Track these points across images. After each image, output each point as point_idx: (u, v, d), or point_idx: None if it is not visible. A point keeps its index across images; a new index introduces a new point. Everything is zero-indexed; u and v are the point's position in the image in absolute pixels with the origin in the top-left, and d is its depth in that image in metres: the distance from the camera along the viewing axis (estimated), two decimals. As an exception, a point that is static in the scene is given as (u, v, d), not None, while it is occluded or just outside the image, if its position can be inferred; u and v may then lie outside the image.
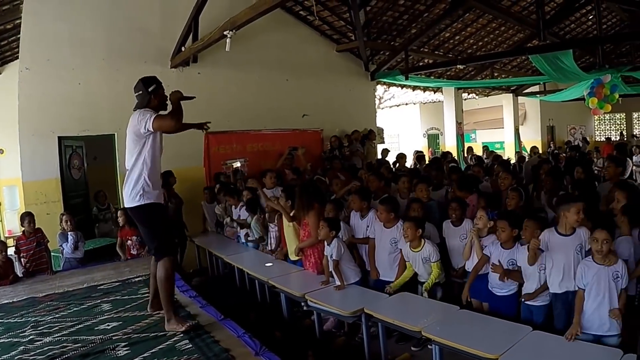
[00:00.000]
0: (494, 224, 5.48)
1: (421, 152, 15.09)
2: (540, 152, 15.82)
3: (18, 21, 9.35)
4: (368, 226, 6.66)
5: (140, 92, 4.95)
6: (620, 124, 27.85)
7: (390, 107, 25.05)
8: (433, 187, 8.17)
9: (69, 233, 8.04)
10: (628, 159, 12.79)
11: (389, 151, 13.56)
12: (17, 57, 10.44)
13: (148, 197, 4.89)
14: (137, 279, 6.95)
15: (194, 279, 8.87)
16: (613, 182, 6.77)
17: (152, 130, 4.75)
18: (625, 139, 24.60)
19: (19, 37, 9.33)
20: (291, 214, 7.15)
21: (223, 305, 5.74)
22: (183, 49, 9.64)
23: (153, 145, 4.89)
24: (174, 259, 5.21)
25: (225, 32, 7.58)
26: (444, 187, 8.48)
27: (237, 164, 11.04)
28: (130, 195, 4.90)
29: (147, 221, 5.08)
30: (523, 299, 5.09)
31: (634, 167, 15.03)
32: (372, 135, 13.33)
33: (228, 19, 7.56)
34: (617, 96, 13.72)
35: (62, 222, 8.06)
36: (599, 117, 27.23)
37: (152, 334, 4.84)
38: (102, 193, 10.02)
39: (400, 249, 6.09)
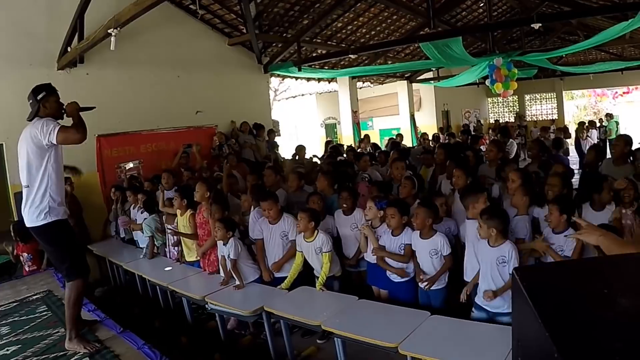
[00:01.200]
0: (384, 213, 5.65)
1: (331, 141, 15.31)
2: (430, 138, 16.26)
3: None
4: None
5: (31, 100, 4.72)
6: (514, 106, 29.15)
7: (287, 98, 25.19)
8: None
9: None
10: (512, 140, 13.39)
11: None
12: None
13: (55, 214, 4.67)
14: (34, 297, 6.75)
15: (97, 290, 8.72)
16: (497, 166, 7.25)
17: (55, 143, 4.52)
18: (519, 119, 25.88)
19: None
20: (190, 212, 7.21)
21: (127, 315, 5.71)
22: (69, 49, 9.28)
23: (56, 158, 4.69)
24: (84, 280, 5.02)
25: (109, 30, 7.42)
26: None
27: (130, 165, 10.78)
28: (33, 214, 4.62)
29: (54, 241, 4.83)
30: (424, 286, 5.26)
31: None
32: (262, 130, 13.33)
33: (112, 17, 7.41)
34: (516, 71, 14.20)
35: None
36: (493, 100, 28.41)
37: (52, 355, 4.76)
38: None
39: (292, 241, 6.19)
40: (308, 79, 18.11)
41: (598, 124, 20.59)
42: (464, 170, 6.46)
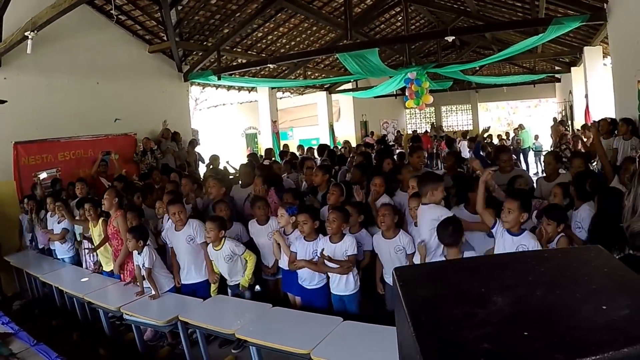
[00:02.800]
0: (296, 219, 5.73)
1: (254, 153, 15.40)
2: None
3: None
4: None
5: None
6: (431, 117, 29.91)
7: (208, 107, 25.03)
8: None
9: None
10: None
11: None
12: None
13: None
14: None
15: (15, 303, 8.50)
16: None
17: None
18: (437, 130, 26.52)
19: None
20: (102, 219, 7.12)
21: (45, 328, 5.62)
22: None
23: None
24: None
25: (26, 33, 7.29)
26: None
27: (43, 175, 10.29)
28: None
29: None
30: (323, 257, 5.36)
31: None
32: (178, 136, 13.35)
33: (29, 19, 7.31)
34: (426, 85, 14.60)
35: None
36: (411, 111, 29.07)
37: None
38: None
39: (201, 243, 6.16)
40: (228, 88, 18.10)
41: (512, 134, 21.37)
42: (382, 178, 6.62)
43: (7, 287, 9.33)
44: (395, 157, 10.37)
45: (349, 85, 22.06)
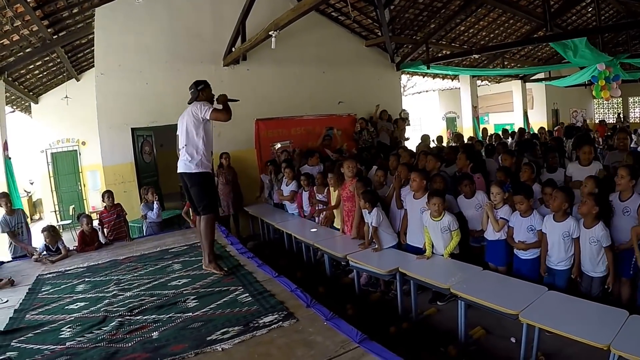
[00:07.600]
0: (508, 196, 5.49)
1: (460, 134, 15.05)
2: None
3: (91, 36, 9.72)
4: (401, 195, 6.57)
5: (192, 89, 5.68)
6: (618, 108, 27.18)
7: (413, 94, 24.72)
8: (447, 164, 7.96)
9: (154, 202, 8.51)
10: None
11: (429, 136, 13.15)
12: (92, 66, 11.06)
13: (203, 167, 5.57)
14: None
15: (249, 243, 8.95)
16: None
17: (208, 118, 5.44)
18: (622, 120, 24.11)
19: (93, 49, 9.76)
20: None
21: (274, 265, 5.80)
22: (233, 49, 9.79)
23: (206, 129, 5.59)
24: (214, 216, 5.82)
25: (270, 32, 7.62)
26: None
27: (278, 145, 11.15)
28: (190, 164, 5.52)
29: (200, 184, 5.64)
30: (546, 274, 5.00)
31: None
32: (391, 117, 13.15)
33: (272, 21, 7.58)
34: (606, 73, 13.45)
35: (149, 194, 8.52)
36: (598, 101, 26.60)
37: (217, 289, 4.92)
38: None
39: None
40: (434, 77, 17.83)
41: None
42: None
43: (243, 230, 10.16)
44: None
45: (541, 75, 20.73)
